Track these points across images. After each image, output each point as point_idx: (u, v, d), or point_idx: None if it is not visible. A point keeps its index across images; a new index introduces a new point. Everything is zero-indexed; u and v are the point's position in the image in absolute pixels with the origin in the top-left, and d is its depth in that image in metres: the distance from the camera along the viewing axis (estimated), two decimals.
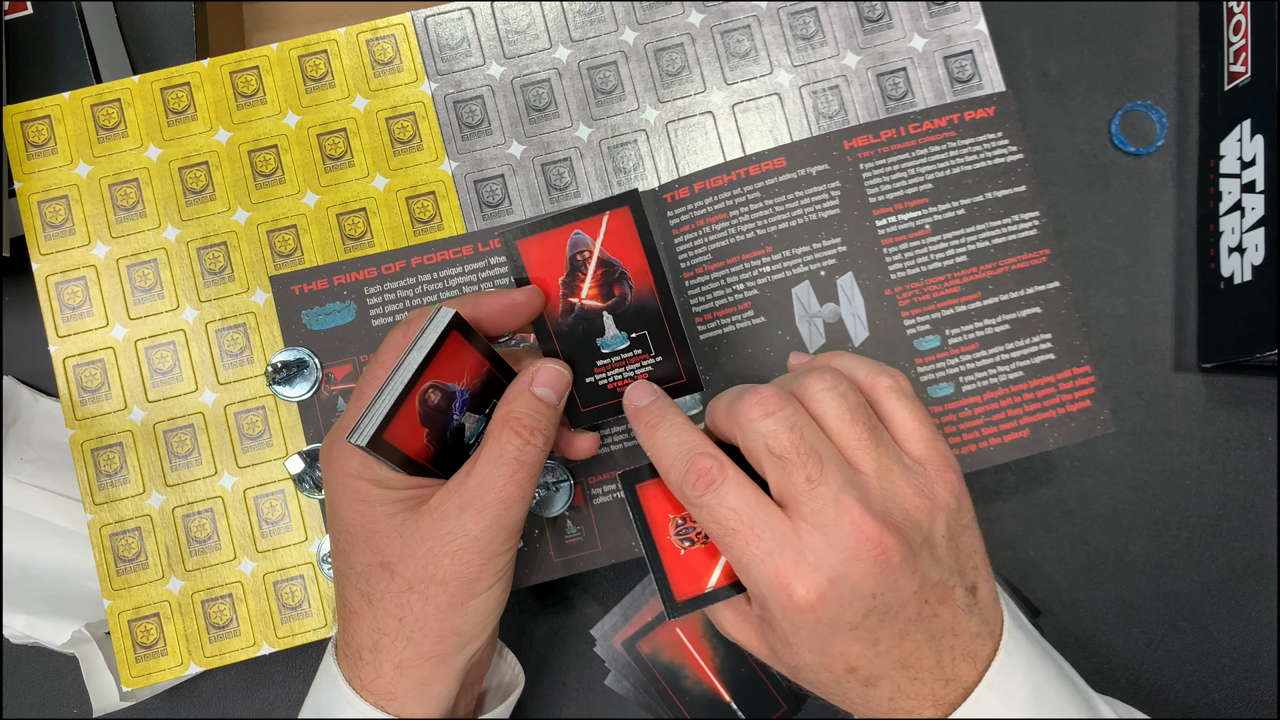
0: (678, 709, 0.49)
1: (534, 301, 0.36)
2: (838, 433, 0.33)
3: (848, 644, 0.32)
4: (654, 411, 0.36)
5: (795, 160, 0.45)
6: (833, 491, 0.31)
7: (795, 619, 0.32)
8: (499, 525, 0.34)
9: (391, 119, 0.47)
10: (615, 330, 0.37)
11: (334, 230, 0.46)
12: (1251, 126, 0.49)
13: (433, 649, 0.34)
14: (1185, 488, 0.52)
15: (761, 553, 0.32)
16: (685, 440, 0.34)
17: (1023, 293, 0.45)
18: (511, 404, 0.35)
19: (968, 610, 0.33)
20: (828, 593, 0.31)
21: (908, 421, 0.35)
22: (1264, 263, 0.47)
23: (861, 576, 0.31)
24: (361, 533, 0.35)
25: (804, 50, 0.47)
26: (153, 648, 0.44)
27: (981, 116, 0.46)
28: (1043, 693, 0.33)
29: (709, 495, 0.32)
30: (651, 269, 0.36)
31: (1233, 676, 0.50)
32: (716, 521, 0.32)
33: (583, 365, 0.38)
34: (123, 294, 0.45)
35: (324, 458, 0.36)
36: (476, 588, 0.34)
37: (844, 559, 0.31)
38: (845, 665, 0.32)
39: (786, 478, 0.32)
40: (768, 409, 0.33)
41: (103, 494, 0.44)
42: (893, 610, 0.32)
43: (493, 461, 0.34)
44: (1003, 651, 0.33)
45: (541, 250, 0.36)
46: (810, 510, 0.31)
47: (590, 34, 0.47)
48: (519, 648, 0.50)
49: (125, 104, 0.46)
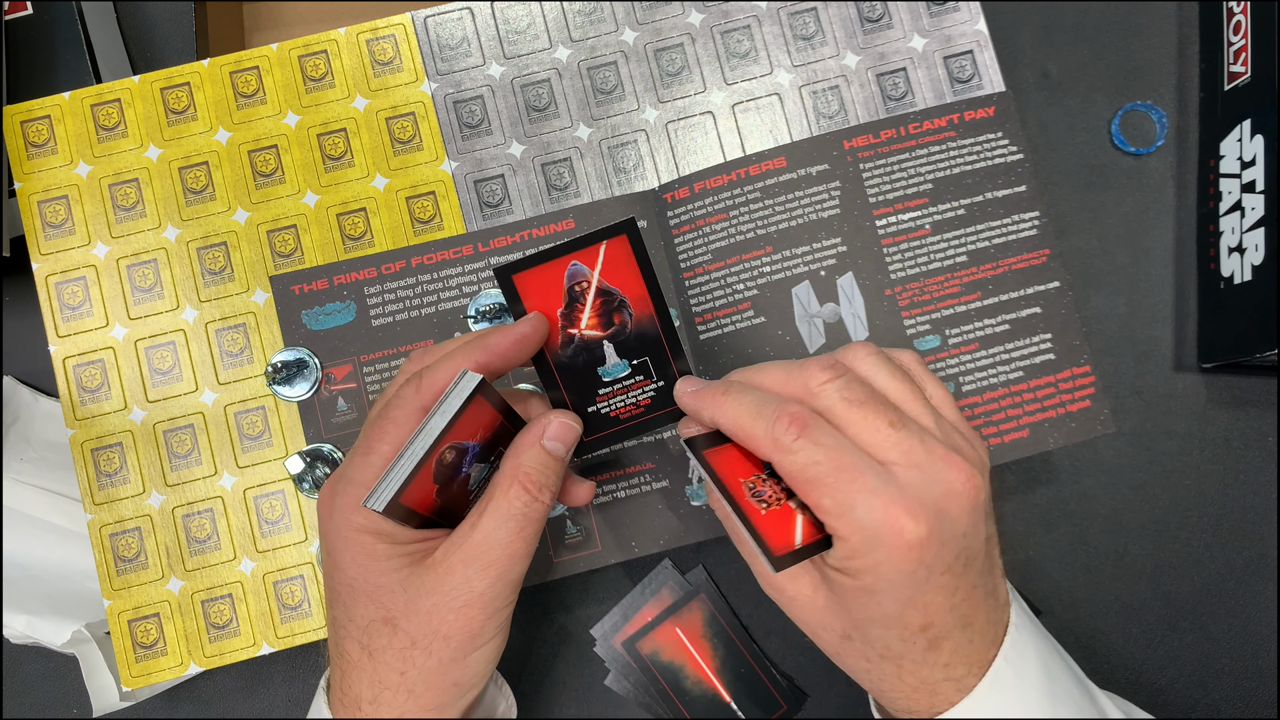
0: (678, 709, 0.49)
1: (540, 330, 0.35)
2: (892, 389, 0.34)
3: (934, 593, 0.32)
4: (717, 386, 0.35)
5: (795, 160, 0.45)
6: (915, 433, 0.32)
7: (898, 560, 0.31)
8: (503, 581, 0.34)
9: (391, 119, 0.47)
10: (616, 358, 0.37)
11: (334, 230, 0.46)
12: (1251, 126, 0.49)
13: (434, 701, 0.34)
14: (1185, 488, 0.52)
15: (868, 489, 0.31)
16: (762, 396, 0.34)
17: (1023, 293, 0.45)
18: (521, 458, 0.35)
19: (1002, 576, 0.35)
20: (935, 528, 0.31)
21: (935, 390, 0.36)
22: (1264, 263, 0.47)
23: (958, 512, 0.32)
24: (365, 587, 0.34)
25: (804, 50, 0.47)
26: (153, 648, 0.44)
27: (981, 116, 0.46)
28: (1053, 676, 0.34)
29: (804, 438, 0.32)
30: (651, 295, 0.36)
31: (1233, 676, 0.50)
32: (814, 463, 0.31)
33: (584, 395, 0.37)
34: (123, 294, 0.45)
35: (323, 507, 0.35)
36: (479, 641, 0.34)
37: (943, 494, 0.31)
38: (923, 620, 0.32)
39: (870, 425, 0.32)
40: (836, 370, 0.33)
41: (103, 494, 0.44)
42: (974, 554, 0.33)
43: (499, 517, 0.34)
44: (1012, 628, 0.34)
45: (538, 283, 0.35)
46: (900, 452, 0.32)
47: (590, 34, 0.47)
48: (519, 648, 0.50)
49: (125, 104, 0.46)
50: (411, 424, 0.34)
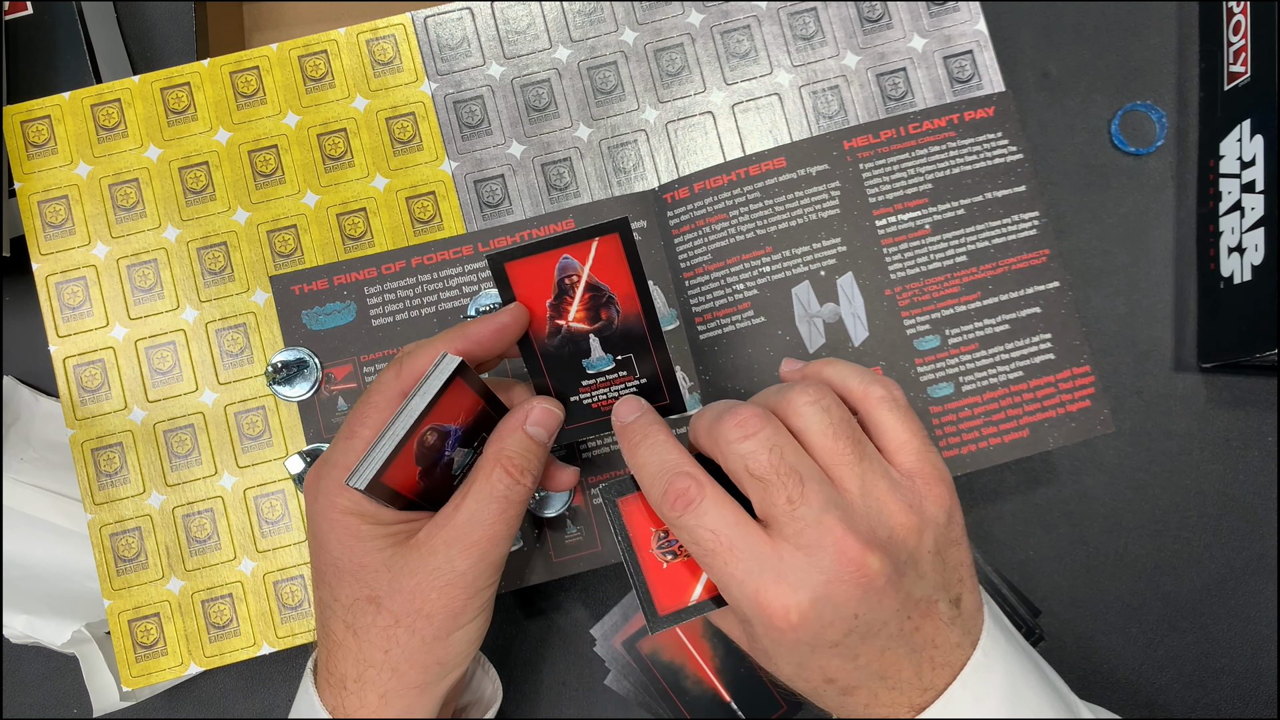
0: (678, 709, 0.49)
1: (520, 320, 0.36)
2: (820, 448, 0.33)
3: (827, 659, 0.32)
4: (638, 429, 0.36)
5: (795, 160, 0.45)
6: (814, 512, 0.31)
7: (774, 638, 0.32)
8: (485, 561, 0.34)
9: (391, 119, 0.47)
10: (601, 352, 0.37)
11: (334, 230, 0.46)
12: (1251, 126, 0.49)
13: (417, 679, 0.35)
14: (1185, 488, 0.52)
15: (741, 573, 0.31)
16: (665, 459, 0.34)
17: (1022, 293, 0.45)
18: (504, 441, 0.35)
19: (950, 622, 0.33)
20: (809, 613, 0.31)
21: (899, 433, 0.34)
22: (1264, 263, 0.47)
23: (844, 598, 0.31)
24: (350, 567, 0.35)
25: (804, 50, 0.47)
26: (153, 648, 0.44)
27: (981, 116, 0.46)
28: (1019, 693, 0.33)
29: (687, 515, 0.32)
30: (639, 294, 0.36)
31: (1233, 676, 0.50)
32: (695, 542, 0.32)
33: (568, 385, 0.38)
34: (123, 294, 0.45)
35: (309, 491, 0.36)
36: (461, 620, 0.35)
37: (826, 580, 0.31)
38: (823, 677, 0.33)
39: (768, 499, 0.32)
40: (747, 430, 0.32)
41: (103, 494, 0.44)
42: (874, 628, 0.32)
43: (482, 499, 0.34)
44: (979, 651, 0.33)
45: (529, 273, 0.35)
46: (792, 531, 0.31)
47: (590, 34, 0.47)
48: (519, 647, 0.50)
49: (125, 104, 0.46)
50: (392, 408, 0.35)
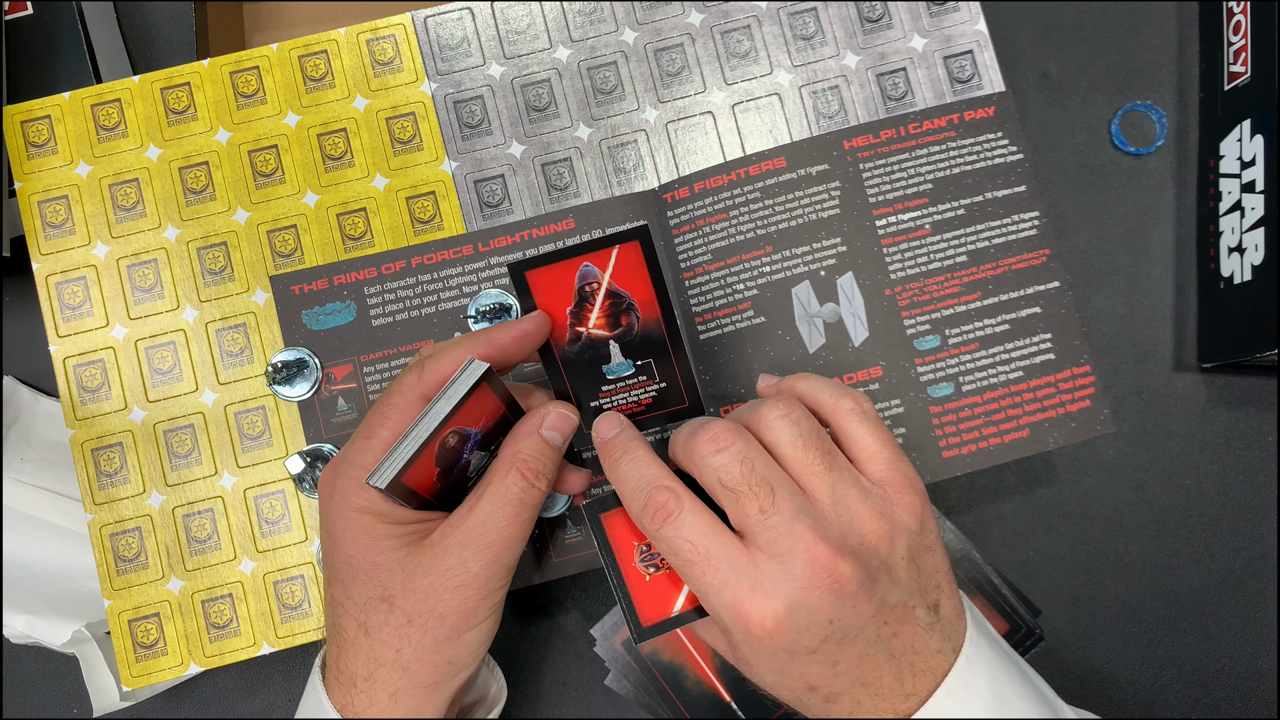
0: (678, 709, 0.49)
1: (543, 328, 0.36)
2: (791, 460, 0.34)
3: (806, 666, 0.33)
4: (618, 445, 0.36)
5: (795, 160, 0.45)
6: (786, 520, 0.32)
7: (753, 645, 0.32)
8: (499, 563, 0.35)
9: (391, 119, 0.47)
10: (621, 358, 0.38)
11: (334, 230, 0.46)
12: (1251, 126, 0.49)
13: (427, 679, 0.35)
14: (1185, 488, 0.52)
15: (718, 582, 0.32)
16: (644, 473, 0.35)
17: (1022, 293, 0.45)
18: (519, 445, 0.36)
19: (929, 628, 0.33)
20: (784, 620, 0.32)
21: (869, 443, 0.35)
22: (1264, 263, 0.47)
23: (818, 604, 0.32)
24: (364, 565, 0.35)
25: (804, 50, 0.47)
26: (153, 648, 0.44)
27: (981, 116, 0.46)
28: (1004, 699, 0.33)
29: (666, 528, 0.33)
30: (659, 300, 0.36)
31: (1233, 676, 0.50)
32: (674, 553, 0.33)
33: (588, 390, 0.39)
34: (123, 294, 0.45)
35: (324, 490, 0.36)
36: (473, 621, 0.35)
37: (799, 587, 0.31)
38: (805, 685, 0.33)
39: (741, 510, 0.33)
40: (719, 444, 0.33)
41: (103, 494, 0.44)
42: (851, 634, 0.32)
43: (497, 501, 0.35)
44: (963, 659, 0.34)
45: (550, 281, 0.36)
46: (765, 540, 0.32)
47: (590, 34, 0.47)
48: (519, 647, 0.50)
49: (125, 104, 0.46)
50: (413, 411, 0.35)
